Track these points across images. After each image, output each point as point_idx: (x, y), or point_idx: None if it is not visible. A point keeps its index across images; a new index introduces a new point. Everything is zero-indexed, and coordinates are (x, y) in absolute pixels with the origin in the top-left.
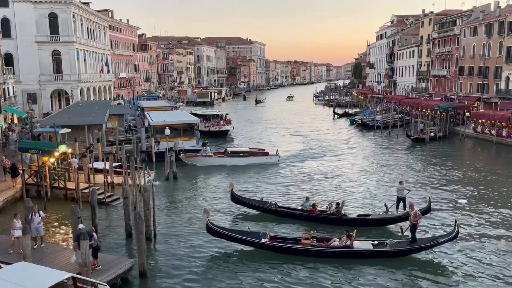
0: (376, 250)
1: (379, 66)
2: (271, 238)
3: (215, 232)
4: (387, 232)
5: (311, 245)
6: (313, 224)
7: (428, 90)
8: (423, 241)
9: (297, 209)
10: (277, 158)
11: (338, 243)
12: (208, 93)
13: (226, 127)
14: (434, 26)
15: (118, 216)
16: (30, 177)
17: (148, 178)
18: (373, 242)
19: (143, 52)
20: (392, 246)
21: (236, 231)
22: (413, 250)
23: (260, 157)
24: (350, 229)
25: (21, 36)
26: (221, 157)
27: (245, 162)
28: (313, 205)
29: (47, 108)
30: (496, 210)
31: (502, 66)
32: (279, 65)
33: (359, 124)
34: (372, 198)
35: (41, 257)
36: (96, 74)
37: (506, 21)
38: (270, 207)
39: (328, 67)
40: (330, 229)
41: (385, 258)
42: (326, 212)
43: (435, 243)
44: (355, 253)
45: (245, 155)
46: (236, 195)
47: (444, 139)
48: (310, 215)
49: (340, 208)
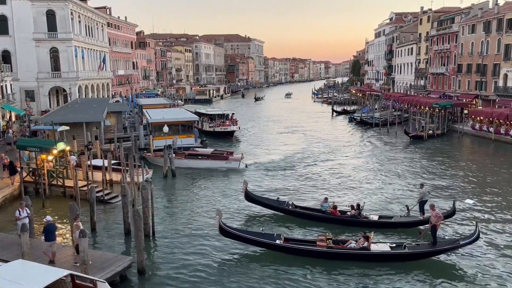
0: (394, 252)
1: (377, 63)
2: (286, 240)
3: (228, 233)
4: (406, 234)
5: (327, 247)
6: (333, 226)
7: (426, 87)
8: (443, 244)
9: (315, 210)
10: (238, 164)
11: (355, 245)
12: (206, 91)
13: (232, 128)
14: (432, 24)
15: (117, 214)
16: (28, 175)
17: (146, 176)
18: (391, 245)
19: (141, 49)
20: (411, 248)
21: (249, 232)
22: (433, 252)
23: (219, 161)
24: (368, 230)
25: (19, 34)
26: (179, 159)
27: (203, 165)
28: (334, 206)
29: (45, 106)
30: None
31: (500, 64)
32: (277, 62)
33: (358, 121)
34: (373, 197)
35: (38, 254)
36: (94, 72)
37: (505, 19)
38: (287, 207)
39: (326, 65)
40: (351, 232)
41: (403, 261)
42: (346, 214)
43: (455, 246)
44: (372, 256)
45: (204, 158)
46: (250, 194)
47: (442, 137)
48: (330, 217)
49: (361, 210)
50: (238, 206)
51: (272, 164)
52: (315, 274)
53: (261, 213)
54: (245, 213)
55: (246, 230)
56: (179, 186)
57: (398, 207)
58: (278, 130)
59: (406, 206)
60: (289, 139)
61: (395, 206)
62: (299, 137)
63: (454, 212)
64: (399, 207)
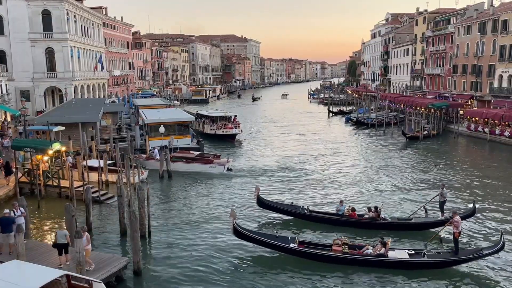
0: (413, 260)
1: (373, 64)
2: (300, 243)
3: (243, 235)
4: (426, 236)
5: (343, 252)
6: (350, 230)
7: (422, 88)
8: (465, 253)
9: (332, 214)
10: (223, 168)
11: (372, 251)
12: (203, 91)
13: (235, 131)
14: (428, 25)
15: (113, 214)
16: (24, 175)
17: (142, 176)
18: (410, 252)
19: (138, 49)
20: (430, 256)
21: (263, 234)
22: (454, 262)
23: (203, 165)
24: (388, 233)
25: (14, 33)
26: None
27: (188, 168)
28: (353, 209)
29: (41, 106)
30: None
31: (495, 65)
32: (274, 63)
33: (355, 122)
34: (376, 198)
35: (34, 255)
36: (90, 72)
37: (500, 20)
38: (302, 211)
39: (323, 65)
40: (369, 235)
41: (422, 269)
42: (363, 217)
43: (478, 255)
44: (389, 263)
45: (188, 161)
46: (263, 199)
47: (438, 137)
48: (348, 220)
49: (379, 212)
50: (237, 206)
51: (268, 166)
52: (329, 279)
53: (274, 217)
54: (249, 214)
55: (260, 232)
56: (175, 187)
57: (408, 208)
58: (275, 131)
59: (423, 207)
60: (285, 140)
61: (404, 207)
62: (296, 138)
63: (474, 212)
64: (409, 208)
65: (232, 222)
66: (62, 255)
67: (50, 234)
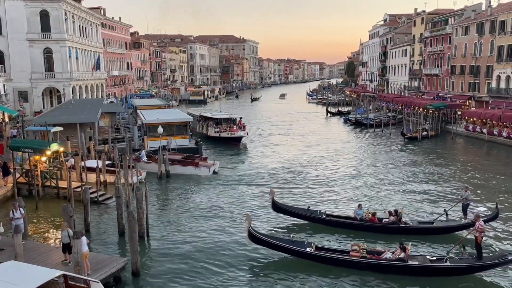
0: (435, 265)
1: (372, 64)
2: (317, 248)
3: (258, 239)
4: (448, 241)
5: (361, 257)
6: (370, 234)
7: (420, 88)
8: (489, 258)
9: (350, 218)
10: (208, 170)
11: (391, 257)
12: (201, 92)
13: (240, 133)
14: (426, 25)
15: (111, 215)
16: (22, 176)
17: (140, 177)
18: (431, 258)
19: (136, 50)
20: (453, 262)
21: (280, 239)
22: (477, 268)
23: (189, 167)
24: (408, 237)
25: (12, 34)
26: (149, 163)
27: (173, 170)
28: (373, 213)
29: (39, 107)
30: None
31: (493, 65)
32: (272, 63)
33: (353, 122)
34: (377, 199)
35: (33, 256)
36: (88, 72)
37: (498, 20)
38: (320, 216)
39: (321, 66)
40: (390, 240)
41: (444, 275)
42: (383, 221)
43: (503, 261)
44: (410, 268)
45: (174, 163)
46: (278, 203)
47: (436, 138)
48: (368, 224)
49: (400, 216)
50: (237, 206)
51: (270, 168)
52: (346, 285)
53: (288, 220)
54: (261, 218)
55: (276, 237)
56: (173, 188)
57: (418, 211)
58: (274, 131)
59: (444, 210)
60: (285, 141)
61: (418, 209)
62: (296, 138)
63: (497, 215)
64: (419, 211)
65: (248, 226)
66: (66, 253)
67: (48, 234)
